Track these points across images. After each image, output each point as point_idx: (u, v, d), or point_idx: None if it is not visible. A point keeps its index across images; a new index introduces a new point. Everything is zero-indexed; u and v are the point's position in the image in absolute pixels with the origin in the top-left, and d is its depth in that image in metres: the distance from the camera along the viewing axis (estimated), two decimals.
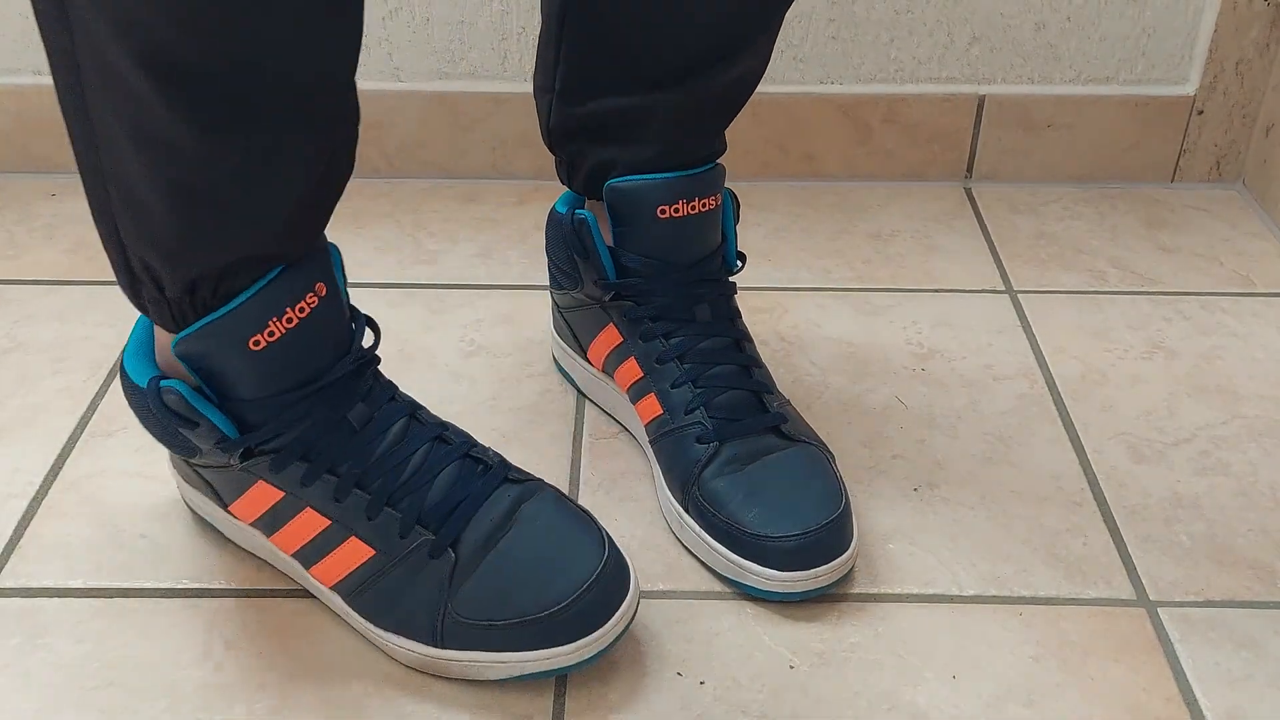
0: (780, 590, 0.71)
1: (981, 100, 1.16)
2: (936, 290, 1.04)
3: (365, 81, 1.15)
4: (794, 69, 1.15)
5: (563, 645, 0.65)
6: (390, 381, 0.70)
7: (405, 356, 0.95)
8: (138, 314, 0.67)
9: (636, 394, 0.80)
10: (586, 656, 0.66)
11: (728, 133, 0.81)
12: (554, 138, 0.79)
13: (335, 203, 0.66)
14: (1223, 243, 1.11)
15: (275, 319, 0.62)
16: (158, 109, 0.55)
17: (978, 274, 1.06)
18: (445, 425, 0.70)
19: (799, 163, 1.20)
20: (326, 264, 0.65)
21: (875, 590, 0.74)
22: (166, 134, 0.56)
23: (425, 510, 0.66)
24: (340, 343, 0.66)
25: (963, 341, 0.97)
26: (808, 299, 1.02)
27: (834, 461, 0.76)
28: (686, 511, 0.75)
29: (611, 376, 0.84)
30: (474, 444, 0.70)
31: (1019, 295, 1.03)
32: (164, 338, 0.67)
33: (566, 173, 0.81)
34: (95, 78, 0.56)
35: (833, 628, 0.71)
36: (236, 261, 0.61)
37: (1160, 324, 1.00)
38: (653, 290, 0.78)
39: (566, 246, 0.80)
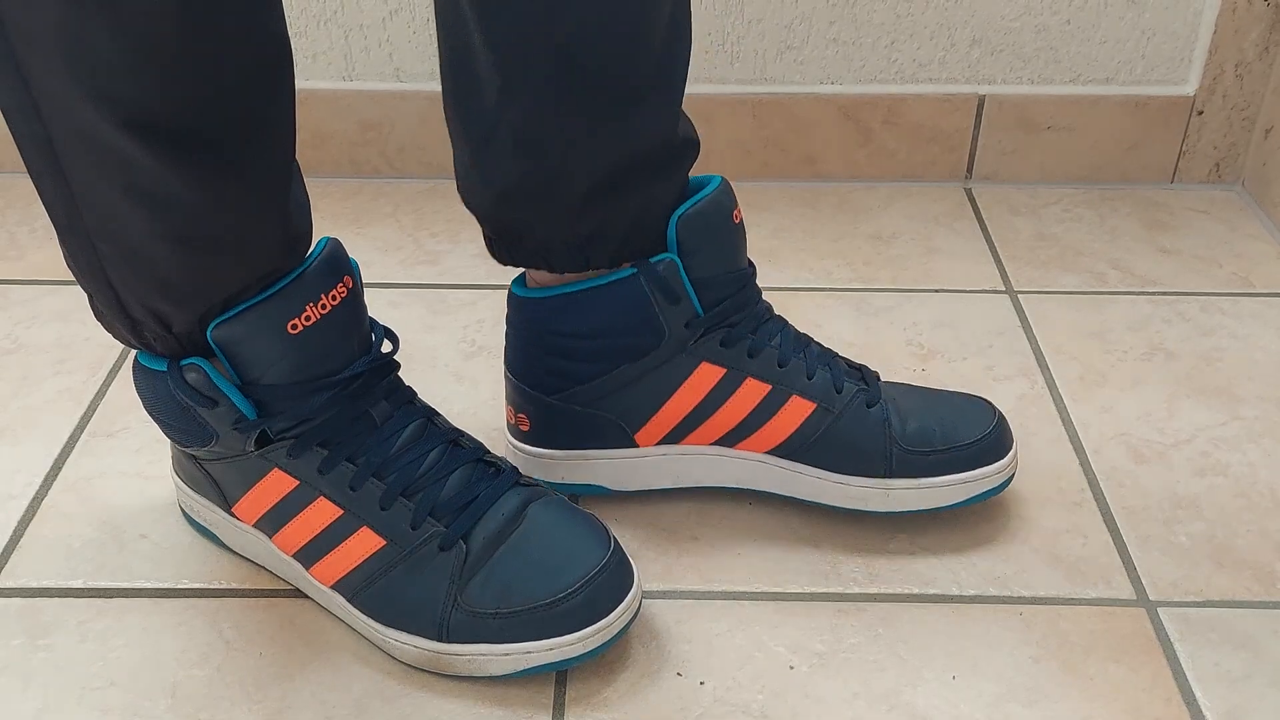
0: (1007, 477, 0.78)
1: (982, 101, 1.16)
2: (937, 291, 1.04)
3: (366, 82, 1.16)
4: (795, 70, 1.15)
5: (565, 635, 0.66)
6: (410, 388, 0.71)
7: (406, 356, 0.95)
8: None
9: (765, 412, 0.76)
10: (589, 649, 0.66)
11: (728, 135, 0.80)
12: (581, 214, 0.70)
13: (310, 212, 0.69)
14: (1222, 244, 1.11)
15: (312, 304, 0.65)
16: (150, 168, 0.58)
17: (978, 275, 1.06)
18: (460, 432, 0.71)
19: (800, 164, 1.20)
20: (349, 264, 0.68)
21: (875, 590, 0.74)
22: (162, 190, 0.59)
23: (438, 504, 0.68)
24: (363, 340, 0.69)
25: (963, 342, 0.97)
26: (809, 299, 1.03)
27: None
28: (892, 476, 0.75)
29: (678, 441, 0.77)
30: (486, 451, 0.72)
31: (1019, 296, 1.03)
32: None
33: (582, 254, 0.71)
34: (75, 147, 0.58)
35: (833, 628, 0.71)
36: (242, 288, 0.64)
37: (1160, 325, 1.00)
38: (741, 304, 0.75)
39: (638, 306, 0.72)
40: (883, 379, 0.87)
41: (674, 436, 0.77)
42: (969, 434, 0.76)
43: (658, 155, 0.70)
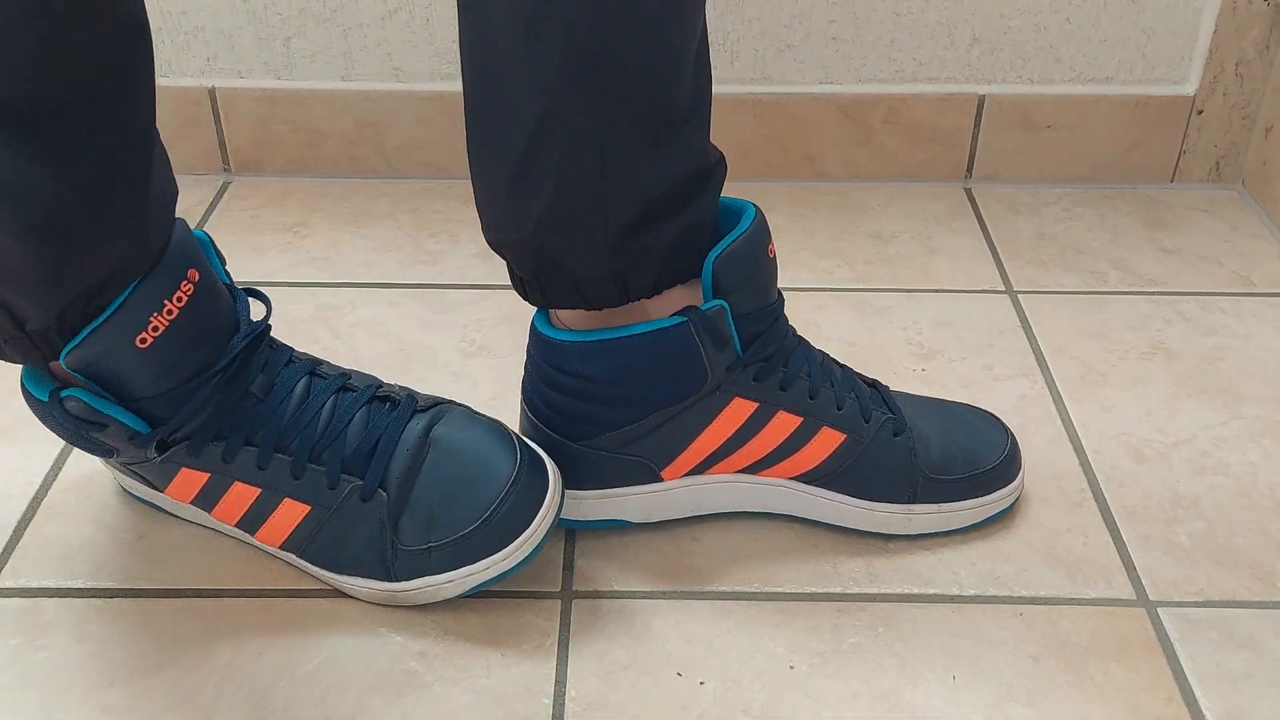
0: (1018, 495, 0.79)
1: (981, 100, 1.16)
2: (937, 291, 1.04)
3: (365, 82, 1.16)
4: (794, 69, 1.15)
5: (500, 550, 0.69)
6: (285, 345, 0.72)
7: (405, 356, 0.95)
8: None
9: (796, 443, 0.75)
10: (525, 556, 0.70)
11: (728, 135, 0.80)
12: (622, 242, 0.67)
13: (175, 200, 0.68)
14: (1223, 243, 1.11)
15: (156, 314, 0.64)
16: (5, 158, 0.57)
17: (978, 274, 1.06)
18: (348, 374, 0.72)
19: (799, 163, 1.20)
20: (194, 251, 0.67)
21: (875, 590, 0.74)
22: (18, 179, 0.58)
23: (347, 458, 0.69)
24: (228, 322, 0.68)
25: (963, 342, 0.97)
26: (808, 299, 1.02)
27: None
28: (915, 502, 0.76)
29: (703, 471, 0.76)
30: (379, 384, 0.72)
31: (1019, 296, 1.03)
32: None
33: (621, 286, 0.69)
34: None
35: (833, 628, 0.71)
36: (102, 280, 0.63)
37: (1160, 324, 1.00)
38: (773, 338, 0.73)
39: (686, 355, 0.70)
40: (884, 380, 0.87)
41: (701, 468, 0.76)
42: (987, 458, 0.77)
43: (693, 179, 0.68)
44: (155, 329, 0.64)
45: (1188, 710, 0.67)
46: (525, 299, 0.72)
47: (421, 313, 1.01)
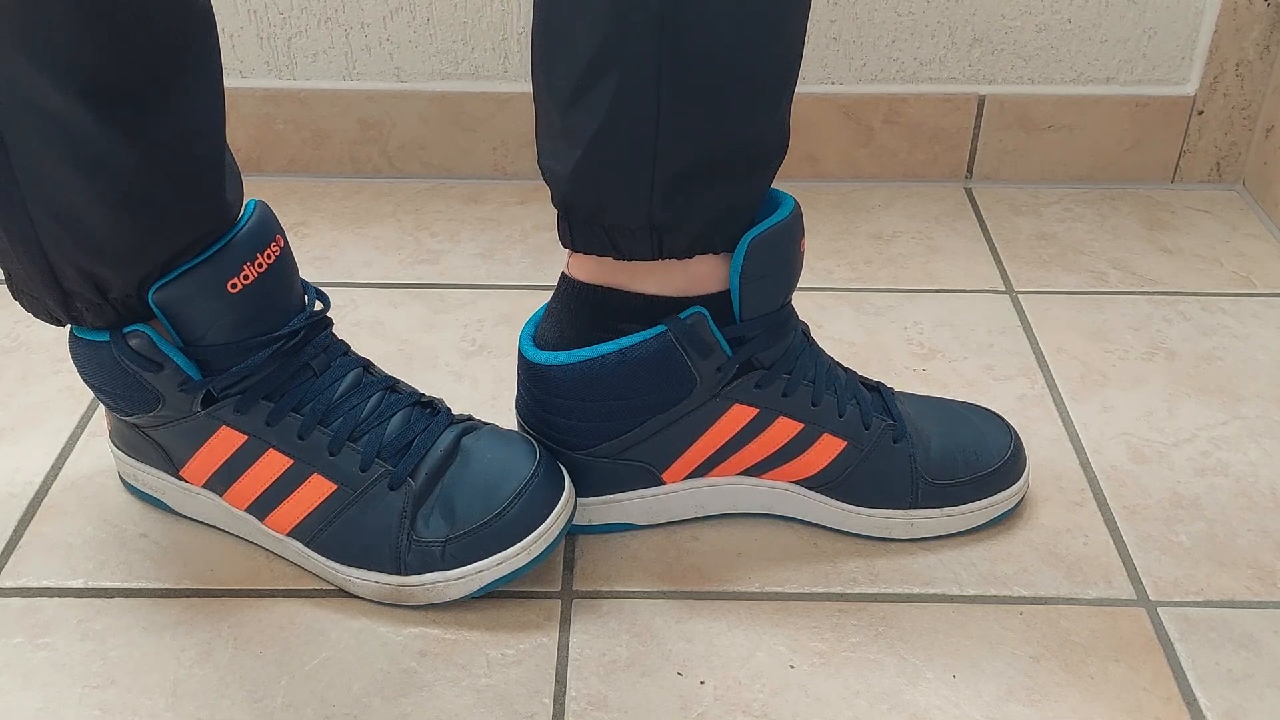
0: (1022, 495, 0.79)
1: (982, 101, 1.16)
2: (937, 291, 1.04)
3: (367, 81, 1.16)
4: None
5: (510, 548, 0.69)
6: (344, 342, 0.75)
7: (406, 356, 0.95)
8: None
9: (796, 448, 0.74)
10: (534, 556, 0.70)
11: None
12: (668, 192, 0.64)
13: (239, 174, 0.71)
14: (1223, 244, 1.11)
15: (249, 264, 0.67)
16: (95, 134, 0.60)
17: (978, 275, 1.06)
18: (396, 380, 0.75)
19: (800, 163, 1.20)
20: (279, 225, 0.70)
21: (875, 590, 0.74)
22: (106, 155, 0.61)
23: (383, 445, 0.71)
24: (297, 298, 0.72)
25: (964, 342, 0.97)
26: (809, 299, 1.02)
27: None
28: (917, 508, 0.76)
29: (705, 474, 0.76)
30: (422, 395, 0.75)
31: (1020, 296, 1.03)
32: None
33: (656, 240, 0.66)
34: (21, 120, 0.60)
35: (833, 628, 0.71)
36: (183, 249, 0.66)
37: (1160, 325, 1.00)
38: (778, 340, 0.71)
39: (670, 364, 0.69)
40: (885, 380, 0.87)
41: (701, 470, 0.76)
42: (990, 460, 0.77)
43: (755, 151, 0.65)
44: (246, 278, 0.67)
45: (1187, 710, 0.67)
46: (561, 240, 0.70)
47: (422, 312, 1.01)
